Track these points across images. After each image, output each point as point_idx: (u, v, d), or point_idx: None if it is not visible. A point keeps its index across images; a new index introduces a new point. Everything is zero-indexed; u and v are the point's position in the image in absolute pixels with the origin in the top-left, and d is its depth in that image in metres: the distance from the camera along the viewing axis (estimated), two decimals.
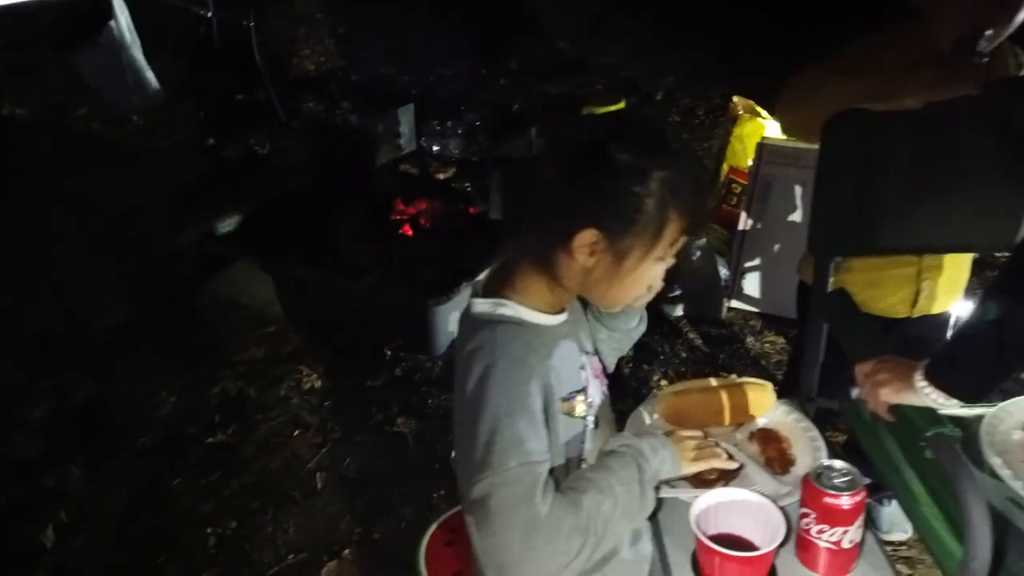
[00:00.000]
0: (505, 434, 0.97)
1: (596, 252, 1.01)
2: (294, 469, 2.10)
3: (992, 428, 1.24)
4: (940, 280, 1.55)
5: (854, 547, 1.04)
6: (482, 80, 5.02)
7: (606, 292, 1.06)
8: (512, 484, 0.95)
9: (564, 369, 1.08)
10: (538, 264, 1.05)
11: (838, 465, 1.04)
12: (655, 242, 1.01)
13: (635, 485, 1.04)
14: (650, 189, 0.98)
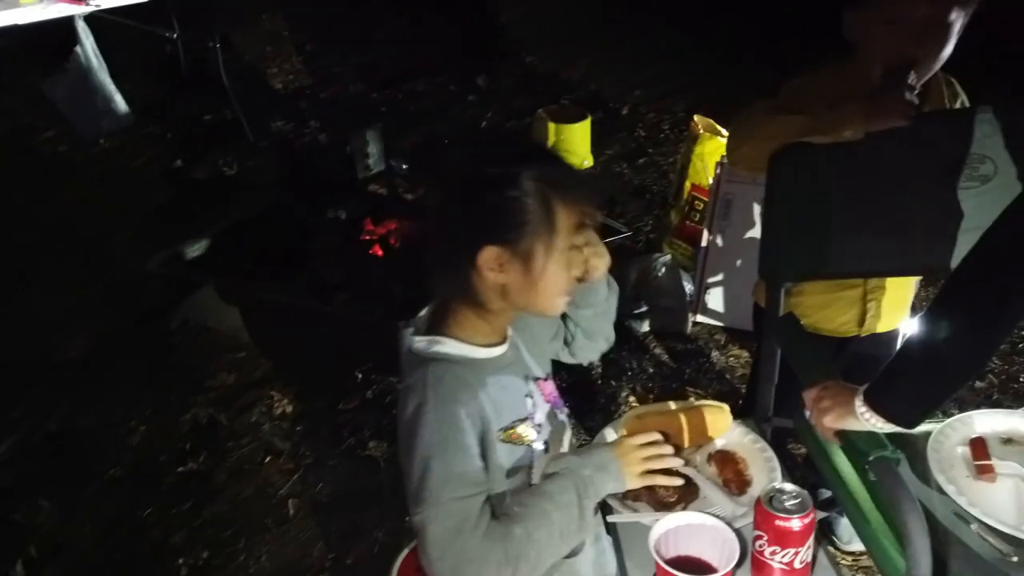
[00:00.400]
0: (436, 471, 1.01)
1: (504, 265, 1.04)
2: (266, 496, 2.11)
3: (938, 445, 1.30)
4: (885, 300, 1.61)
5: (806, 567, 1.08)
6: (450, 96, 5.06)
7: (534, 298, 1.08)
8: (444, 519, 1.00)
9: (504, 399, 1.11)
10: (462, 296, 1.09)
11: (788, 488, 1.09)
12: (553, 235, 1.04)
13: (573, 509, 1.07)
14: (526, 189, 1.02)
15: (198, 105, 4.55)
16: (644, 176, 4.01)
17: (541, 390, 1.21)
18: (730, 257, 2.67)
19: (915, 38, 1.31)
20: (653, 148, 4.32)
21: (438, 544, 1.00)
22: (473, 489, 1.03)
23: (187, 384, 2.53)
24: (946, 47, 1.34)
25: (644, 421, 1.38)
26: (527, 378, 1.18)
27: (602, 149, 4.25)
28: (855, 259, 1.35)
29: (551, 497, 1.08)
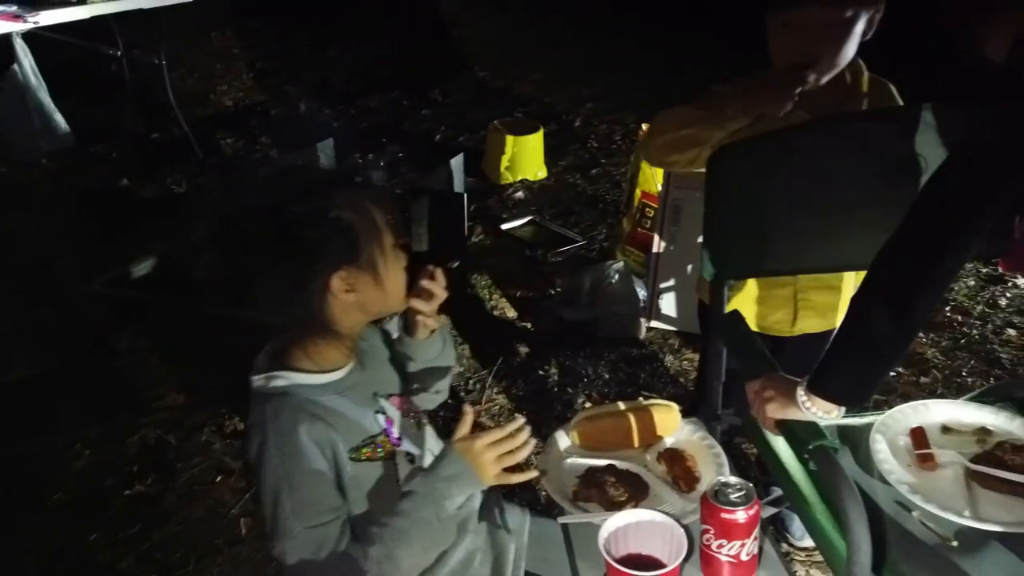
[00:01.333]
0: (286, 504, 1.05)
1: (354, 284, 1.09)
2: (217, 516, 2.06)
3: (879, 436, 1.32)
4: (816, 299, 1.65)
5: (752, 559, 1.09)
6: (404, 111, 5.05)
7: (385, 300, 1.15)
8: (300, 549, 1.05)
9: (352, 419, 1.14)
10: (309, 328, 1.11)
11: (733, 481, 1.10)
12: (381, 238, 1.10)
13: (431, 523, 1.10)
14: (342, 206, 1.07)
15: (145, 124, 4.48)
16: (597, 186, 4.05)
17: (395, 405, 1.23)
18: (681, 262, 2.70)
19: (811, 40, 1.38)
20: (606, 159, 4.37)
21: (297, 573, 1.04)
22: (327, 516, 1.06)
23: (135, 406, 2.47)
24: (844, 47, 1.40)
25: (594, 423, 1.39)
26: (376, 395, 1.21)
27: (556, 160, 4.28)
28: (793, 257, 1.38)
29: (408, 515, 1.10)
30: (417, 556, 1.10)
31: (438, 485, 1.11)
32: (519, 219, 3.66)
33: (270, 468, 1.06)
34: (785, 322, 1.65)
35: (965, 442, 1.32)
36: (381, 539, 1.07)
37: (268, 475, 1.06)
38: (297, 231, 1.06)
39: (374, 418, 1.18)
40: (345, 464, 1.11)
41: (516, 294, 3.07)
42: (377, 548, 1.06)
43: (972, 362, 2.59)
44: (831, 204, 1.33)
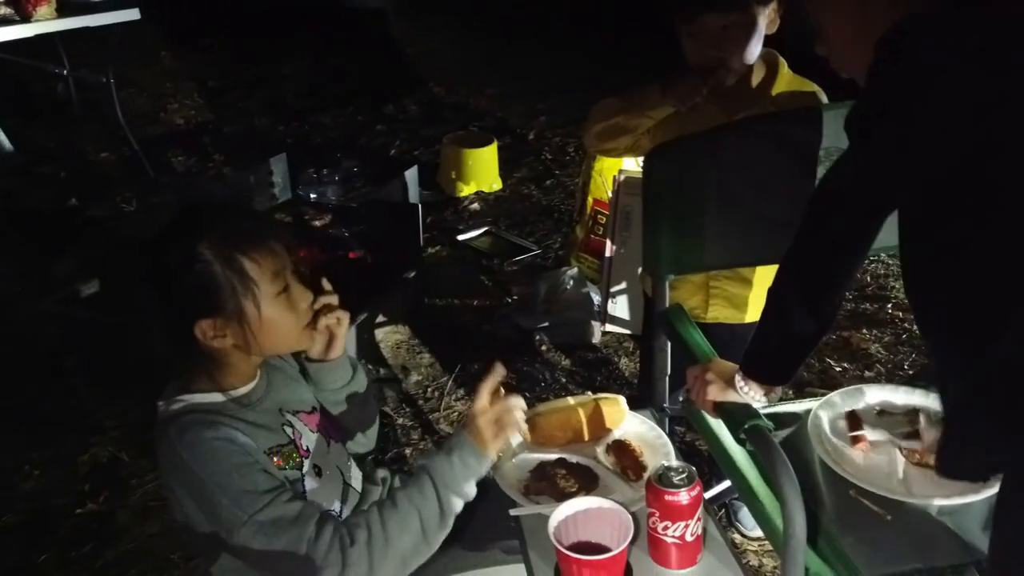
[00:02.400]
0: (223, 503, 1.05)
1: (223, 330, 1.10)
2: (173, 531, 2.03)
3: (817, 420, 1.38)
4: (731, 290, 1.71)
5: (697, 539, 1.13)
6: (359, 127, 5.07)
7: (273, 345, 1.16)
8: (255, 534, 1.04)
9: (257, 430, 1.15)
10: (198, 364, 1.13)
11: (676, 465, 1.14)
12: (253, 288, 1.09)
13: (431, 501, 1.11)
14: (208, 259, 1.07)
15: (93, 143, 4.42)
16: (552, 197, 4.11)
17: (305, 421, 1.25)
18: (633, 266, 2.75)
19: (714, 44, 1.51)
20: (560, 170, 4.44)
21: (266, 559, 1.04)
22: (270, 495, 1.06)
23: (87, 424, 2.43)
24: (747, 46, 1.52)
25: (544, 419, 1.42)
26: (281, 411, 1.22)
27: (510, 172, 4.34)
28: (728, 252, 1.43)
29: (408, 487, 1.12)
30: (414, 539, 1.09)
31: (437, 460, 1.13)
32: (475, 230, 3.69)
33: (195, 483, 1.06)
34: (699, 308, 1.71)
35: (898, 423, 1.38)
36: (376, 521, 1.08)
37: (196, 489, 1.06)
38: (166, 275, 1.08)
39: (280, 429, 1.20)
40: (266, 464, 1.11)
41: (473, 303, 3.10)
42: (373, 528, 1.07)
43: (913, 356, 2.68)
44: (758, 201, 1.39)
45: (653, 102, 1.54)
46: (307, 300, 1.18)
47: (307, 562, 1.04)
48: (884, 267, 3.24)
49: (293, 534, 1.04)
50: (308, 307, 1.19)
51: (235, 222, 1.14)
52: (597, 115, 1.64)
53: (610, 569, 1.09)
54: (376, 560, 1.06)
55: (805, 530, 1.00)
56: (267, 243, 1.12)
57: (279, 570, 1.08)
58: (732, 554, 1.16)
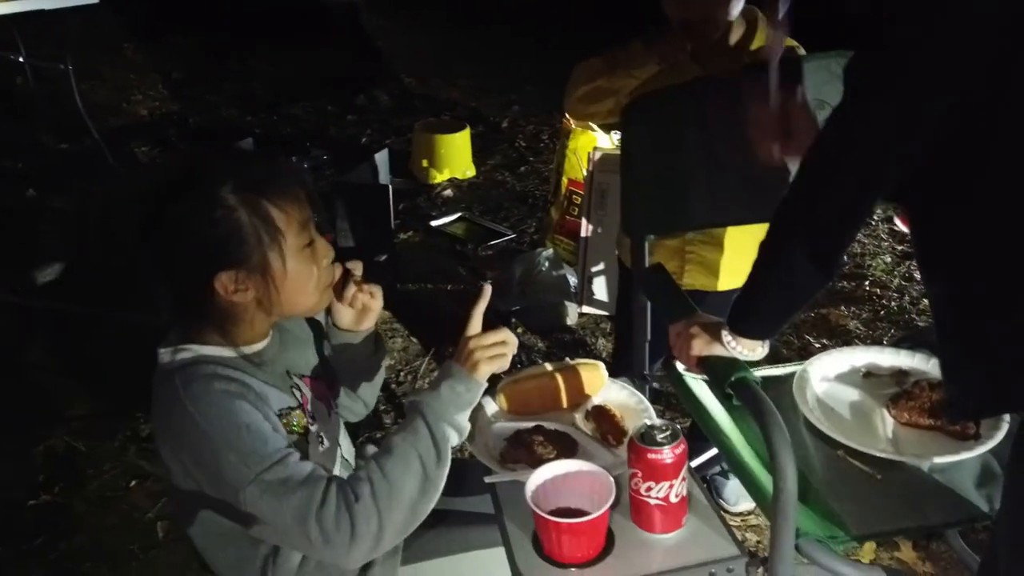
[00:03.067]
0: (230, 459, 0.96)
1: (245, 284, 1.02)
2: (132, 522, 1.94)
3: (803, 382, 1.33)
4: (706, 255, 1.67)
5: (682, 501, 1.07)
6: (329, 117, 4.97)
7: (292, 302, 1.06)
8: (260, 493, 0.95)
9: (268, 389, 1.07)
10: (211, 317, 1.04)
11: (659, 423, 1.08)
12: (280, 239, 1.01)
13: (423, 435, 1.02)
14: (232, 204, 0.98)
15: (53, 134, 4.28)
16: (526, 183, 4.06)
17: (310, 387, 1.18)
18: (609, 245, 2.69)
19: (684, 6, 1.48)
20: (534, 157, 4.38)
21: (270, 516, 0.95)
22: (279, 454, 0.98)
23: (43, 416, 2.32)
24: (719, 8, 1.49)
25: (520, 386, 1.36)
26: (288, 373, 1.15)
27: (484, 160, 4.27)
28: (708, 210, 1.38)
29: (400, 429, 1.03)
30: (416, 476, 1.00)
31: (425, 395, 1.05)
32: (448, 216, 3.62)
33: (198, 438, 0.96)
34: (675, 274, 1.67)
35: (885, 383, 1.34)
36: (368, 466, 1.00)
37: (198, 445, 0.97)
38: (185, 223, 0.99)
39: (290, 391, 1.12)
40: (277, 423, 1.02)
41: (447, 288, 3.03)
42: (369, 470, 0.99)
43: (892, 331, 2.66)
44: (744, 156, 1.34)
45: (638, 61, 1.49)
46: (329, 257, 1.09)
47: (316, 528, 0.95)
48: (860, 246, 3.22)
49: (302, 496, 0.95)
50: (330, 265, 1.10)
51: (257, 166, 1.04)
52: (579, 77, 1.58)
53: (590, 534, 1.03)
54: (384, 511, 0.97)
55: (796, 483, 0.95)
56: (293, 190, 1.02)
57: (287, 537, 0.99)
58: (718, 516, 1.10)
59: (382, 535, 0.97)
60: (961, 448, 1.16)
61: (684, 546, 1.06)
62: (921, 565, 1.77)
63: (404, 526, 1.00)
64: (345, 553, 0.96)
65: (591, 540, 1.04)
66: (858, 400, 1.31)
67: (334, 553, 0.97)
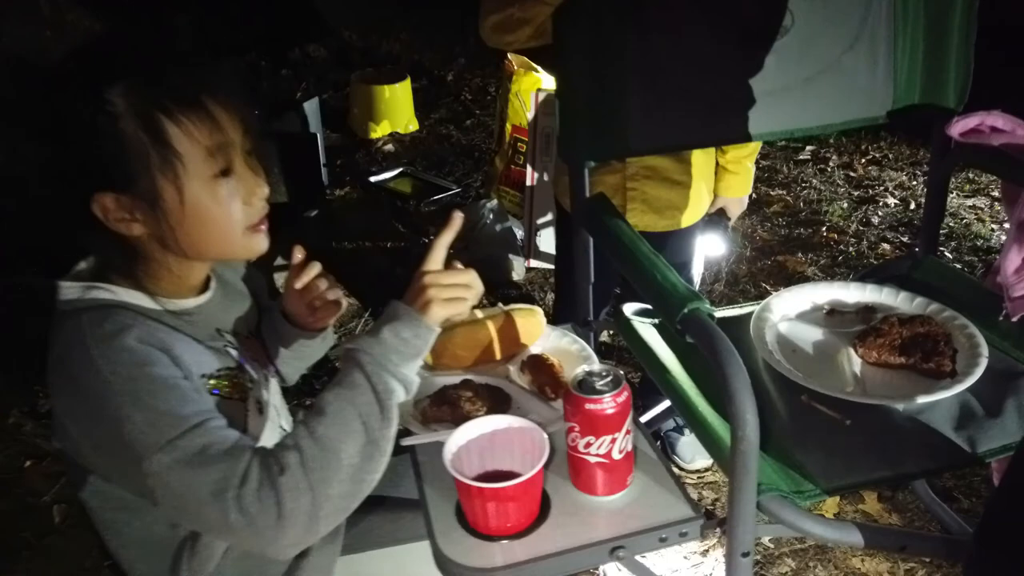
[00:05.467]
0: (135, 419, 0.77)
1: (131, 212, 0.82)
2: (26, 507, 1.74)
3: (762, 321, 1.20)
4: (652, 192, 1.55)
5: (627, 457, 0.93)
6: (261, 72, 4.69)
7: (194, 244, 0.87)
8: (171, 463, 0.77)
9: (196, 348, 0.89)
10: (110, 253, 0.86)
11: (598, 368, 0.92)
12: (176, 163, 0.81)
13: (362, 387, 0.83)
14: (117, 112, 0.79)
15: None
16: (472, 136, 3.87)
17: (245, 347, 1.00)
18: None
19: None
20: (481, 110, 4.19)
21: (182, 489, 0.77)
22: (196, 418, 0.79)
23: None
24: None
25: (447, 336, 1.19)
26: (220, 332, 0.97)
27: (428, 114, 4.07)
28: (655, 133, 1.22)
29: (334, 383, 0.84)
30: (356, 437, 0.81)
31: (367, 339, 0.85)
32: (389, 171, 3.42)
33: (99, 389, 0.78)
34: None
35: (849, 321, 1.21)
36: (299, 425, 0.81)
37: (97, 398, 0.78)
38: (58, 125, 0.79)
39: (225, 351, 0.94)
40: (200, 387, 0.84)
41: (386, 245, 2.85)
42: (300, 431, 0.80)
43: (851, 276, 2.56)
44: (695, 71, 1.18)
45: None
46: (259, 193, 0.89)
47: (235, 508, 0.76)
48: (816, 192, 3.12)
49: (221, 469, 0.77)
50: (261, 203, 0.90)
51: (165, 68, 0.83)
52: (489, 6, 1.44)
53: (520, 500, 0.88)
54: (318, 484, 0.78)
55: (757, 430, 0.81)
56: (205, 105, 0.82)
57: (201, 519, 0.79)
58: (669, 473, 0.96)
59: (317, 513, 0.78)
60: (936, 387, 1.04)
61: (630, 509, 0.92)
62: (887, 516, 1.67)
63: (345, 501, 0.81)
64: (273, 538, 0.77)
65: (521, 507, 0.89)
66: (822, 340, 1.18)
67: (260, 539, 0.77)
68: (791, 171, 3.30)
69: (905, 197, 3.06)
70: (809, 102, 1.27)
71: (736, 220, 1.80)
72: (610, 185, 1.54)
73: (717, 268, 2.62)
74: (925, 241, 1.41)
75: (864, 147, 3.50)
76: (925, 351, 1.10)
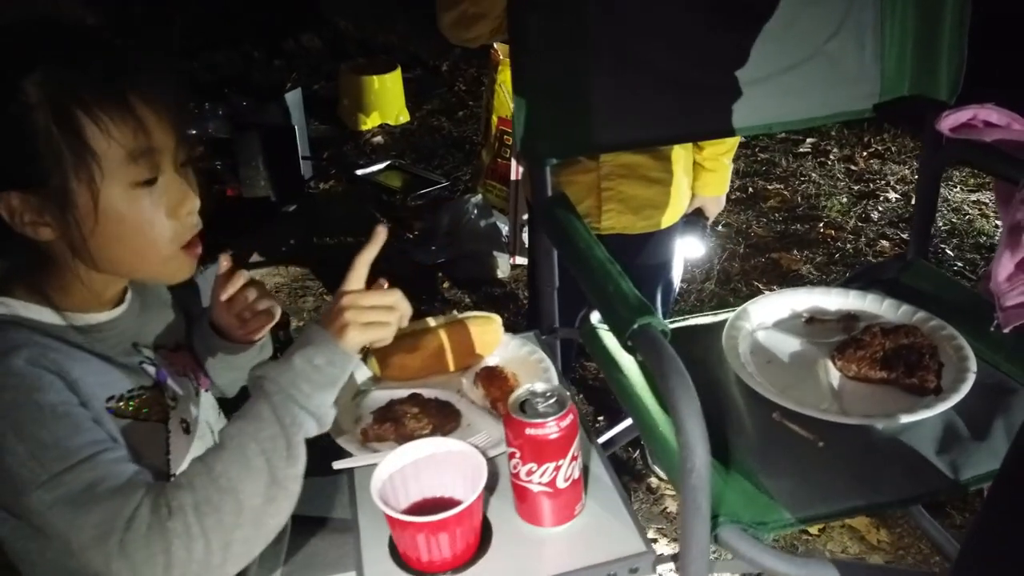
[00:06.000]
0: (17, 450, 0.70)
1: (41, 215, 0.75)
2: None
3: (734, 332, 1.12)
4: (629, 191, 1.48)
5: (573, 485, 0.85)
6: (254, 63, 4.61)
7: (108, 257, 0.79)
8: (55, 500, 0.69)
9: (103, 366, 0.82)
10: (18, 264, 0.79)
11: (541, 388, 0.84)
12: (91, 165, 0.74)
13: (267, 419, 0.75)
14: (31, 102, 0.71)
15: None
16: (463, 128, 3.78)
17: (170, 361, 0.93)
18: None
19: None
20: (474, 101, 4.10)
21: (67, 528, 0.69)
22: (88, 449, 0.72)
23: None
24: None
25: (395, 345, 1.10)
26: (137, 346, 0.89)
27: (420, 105, 3.99)
28: (622, 127, 1.13)
29: (237, 416, 0.77)
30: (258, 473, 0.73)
31: (276, 368, 0.77)
32: (376, 164, 3.34)
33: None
34: (592, 217, 1.46)
35: (829, 330, 1.13)
36: (198, 462, 0.74)
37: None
38: None
39: (140, 368, 0.87)
40: (101, 416, 0.77)
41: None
42: (196, 469, 0.73)
43: (848, 274, 2.47)
44: (662, 58, 1.09)
45: None
46: (189, 206, 0.81)
47: (117, 553, 0.68)
48: (815, 186, 3.02)
49: (109, 508, 0.69)
50: (191, 217, 0.82)
51: (91, 57, 0.75)
52: (444, 3, 1.41)
53: (452, 532, 0.80)
54: (212, 527, 0.70)
55: (708, 460, 0.73)
56: (131, 104, 0.74)
57: (84, 561, 0.71)
58: (622, 502, 0.88)
59: (211, 560, 0.70)
60: (919, 405, 0.96)
61: (578, 542, 0.84)
62: (875, 532, 1.59)
63: (246, 546, 0.73)
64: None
65: (455, 540, 0.81)
66: (799, 350, 1.10)
67: None
68: (790, 164, 3.20)
69: (907, 192, 2.96)
70: (791, 93, 1.18)
71: (716, 218, 1.71)
72: (584, 185, 1.46)
73: (708, 266, 2.53)
74: (915, 243, 1.32)
75: (867, 139, 3.40)
76: (908, 364, 1.01)
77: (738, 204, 2.92)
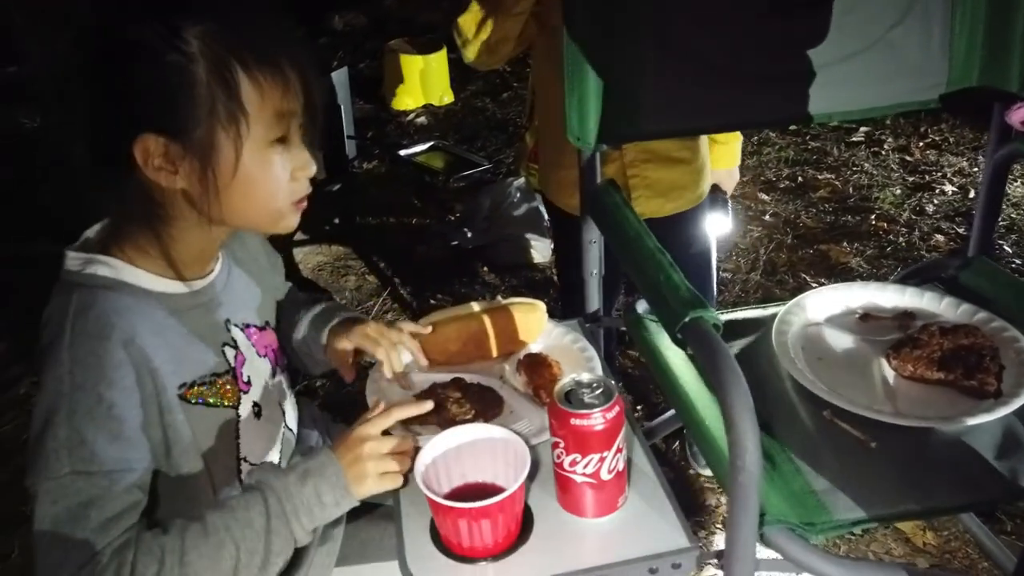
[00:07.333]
0: (60, 431, 0.72)
1: (174, 162, 0.75)
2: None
3: (784, 327, 1.09)
4: (654, 175, 1.46)
5: (617, 476, 0.84)
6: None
7: (236, 212, 0.80)
8: (57, 498, 0.71)
9: (189, 346, 0.83)
10: (136, 210, 0.79)
11: (587, 379, 0.83)
12: (241, 120, 0.75)
13: (255, 531, 0.78)
14: (193, 53, 0.72)
15: None
16: (507, 110, 3.76)
17: (253, 341, 0.93)
18: None
19: None
20: (518, 83, 4.06)
21: (45, 532, 0.71)
22: (113, 465, 0.74)
23: None
24: None
25: (438, 330, 1.11)
26: (228, 323, 0.90)
27: (464, 85, 3.97)
28: (673, 114, 1.11)
29: (231, 509, 0.78)
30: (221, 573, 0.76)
31: (286, 480, 0.80)
32: (419, 145, 3.34)
33: (54, 376, 0.73)
34: None
35: (885, 328, 1.10)
36: (181, 531, 0.76)
37: (49, 385, 0.73)
38: (120, 55, 0.72)
39: (220, 351, 0.87)
40: (171, 404, 0.79)
41: (411, 221, 2.77)
42: (171, 538, 0.75)
43: (899, 269, 2.40)
44: (708, 48, 1.07)
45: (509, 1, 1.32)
46: (307, 169, 0.83)
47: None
48: (868, 177, 2.94)
49: (79, 540, 0.71)
50: (306, 180, 0.84)
51: (250, 19, 0.77)
52: (465, 35, 1.41)
53: (495, 519, 0.80)
54: None
55: (759, 459, 0.71)
56: (282, 67, 0.76)
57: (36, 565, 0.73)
58: (667, 496, 0.87)
59: None
60: (978, 408, 0.93)
61: (620, 535, 0.83)
62: (921, 535, 1.55)
63: None
64: None
65: (497, 527, 0.81)
66: (852, 348, 1.07)
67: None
68: (841, 153, 3.12)
69: (964, 185, 2.86)
70: (850, 82, 1.14)
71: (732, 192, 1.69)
72: (609, 174, 1.45)
73: (755, 255, 2.49)
74: (977, 239, 1.27)
75: (923, 129, 3.29)
76: (968, 366, 0.98)
77: (787, 193, 2.85)
